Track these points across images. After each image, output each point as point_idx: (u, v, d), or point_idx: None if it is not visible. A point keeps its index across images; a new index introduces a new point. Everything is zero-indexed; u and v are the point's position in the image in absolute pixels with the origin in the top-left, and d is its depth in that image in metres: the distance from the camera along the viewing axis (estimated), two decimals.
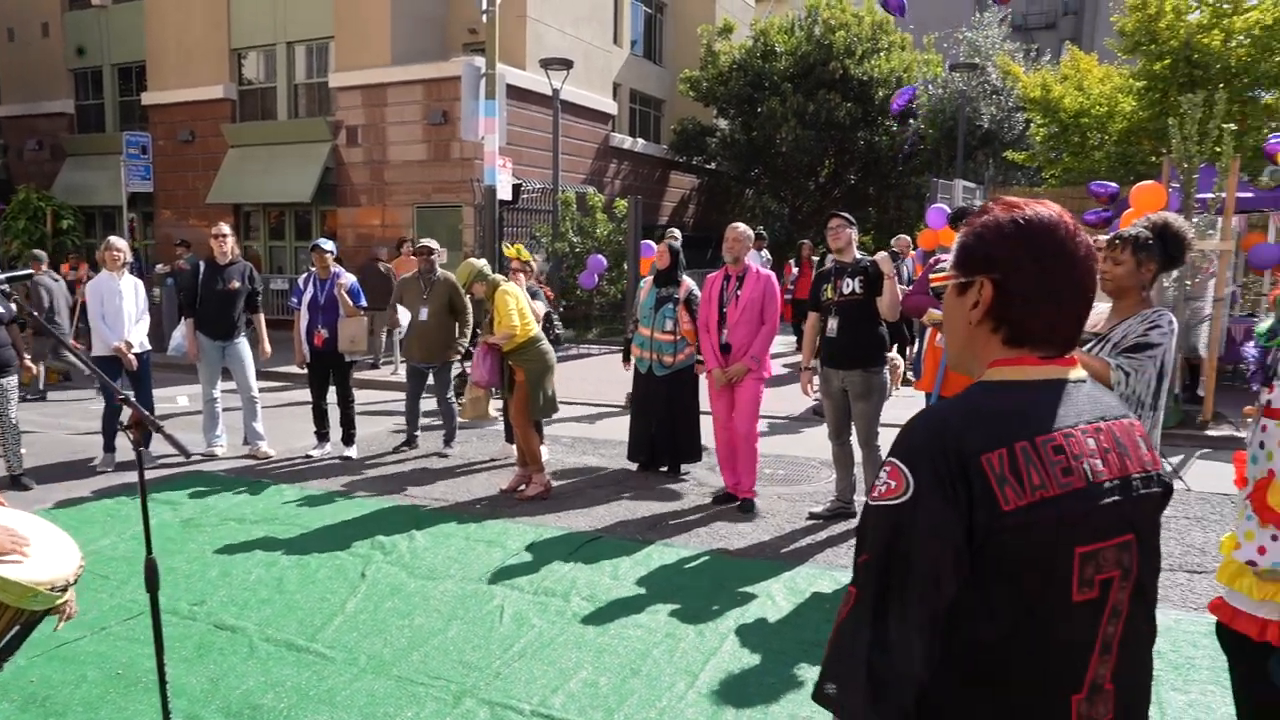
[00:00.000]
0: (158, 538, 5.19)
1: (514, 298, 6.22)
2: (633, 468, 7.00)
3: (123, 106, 21.53)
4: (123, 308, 7.00)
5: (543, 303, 7.27)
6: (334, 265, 7.54)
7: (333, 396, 7.51)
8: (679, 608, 4.32)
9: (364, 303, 7.62)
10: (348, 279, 7.50)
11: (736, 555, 5.12)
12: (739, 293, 5.88)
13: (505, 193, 13.03)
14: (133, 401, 2.55)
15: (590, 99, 19.83)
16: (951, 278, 1.37)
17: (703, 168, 24.16)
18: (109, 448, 7.17)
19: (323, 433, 7.60)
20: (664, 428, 6.76)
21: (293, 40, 18.60)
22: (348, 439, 7.52)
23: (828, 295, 5.50)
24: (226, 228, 7.53)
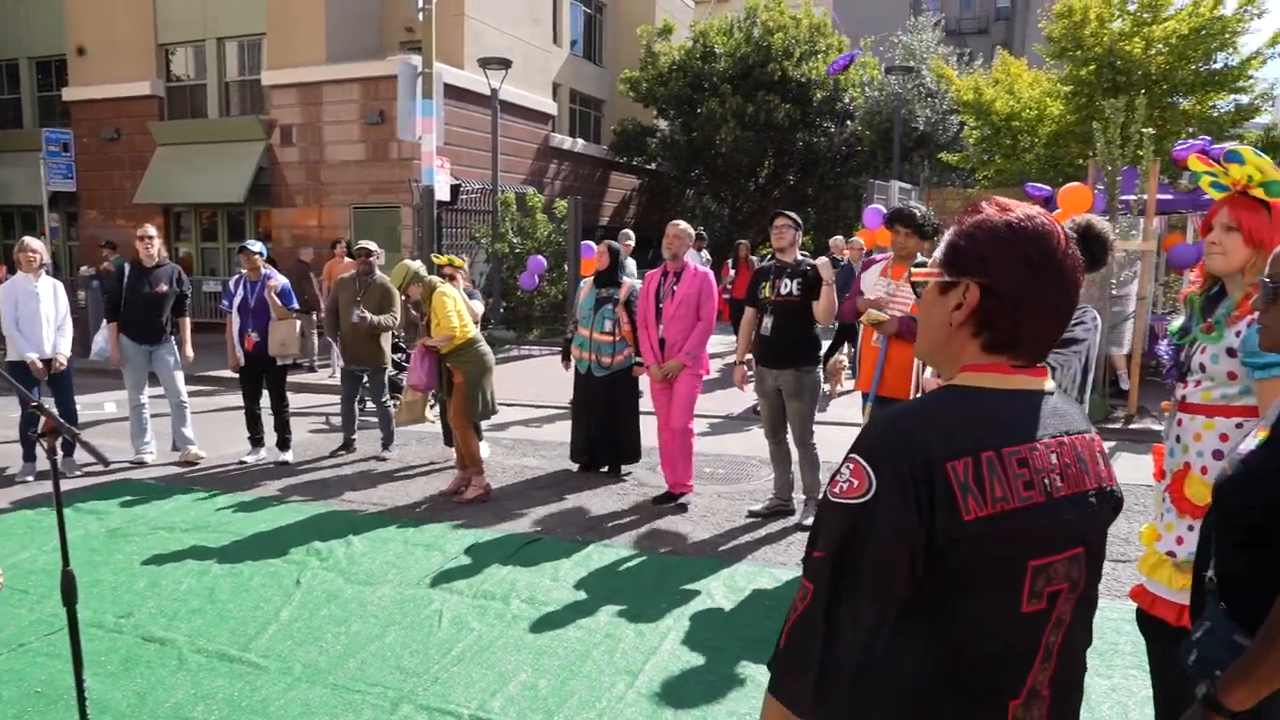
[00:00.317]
0: (83, 549, 5.05)
1: (452, 299, 6.16)
2: (574, 468, 6.98)
3: (42, 102, 20.74)
4: (40, 311, 6.75)
5: (480, 303, 7.21)
6: (265, 267, 7.39)
7: (267, 401, 7.36)
8: (619, 608, 4.32)
9: (295, 305, 7.48)
10: (278, 281, 7.34)
11: (676, 554, 5.13)
12: (675, 288, 5.93)
13: (444, 193, 12.91)
14: (46, 409, 2.46)
15: (530, 99, 19.72)
16: (935, 274, 1.33)
17: (643, 168, 24.19)
18: (28, 456, 6.90)
19: (257, 438, 7.45)
20: (604, 429, 6.76)
21: (223, 36, 18.12)
22: (283, 443, 7.37)
23: (765, 294, 5.55)
24: (152, 229, 7.33)
